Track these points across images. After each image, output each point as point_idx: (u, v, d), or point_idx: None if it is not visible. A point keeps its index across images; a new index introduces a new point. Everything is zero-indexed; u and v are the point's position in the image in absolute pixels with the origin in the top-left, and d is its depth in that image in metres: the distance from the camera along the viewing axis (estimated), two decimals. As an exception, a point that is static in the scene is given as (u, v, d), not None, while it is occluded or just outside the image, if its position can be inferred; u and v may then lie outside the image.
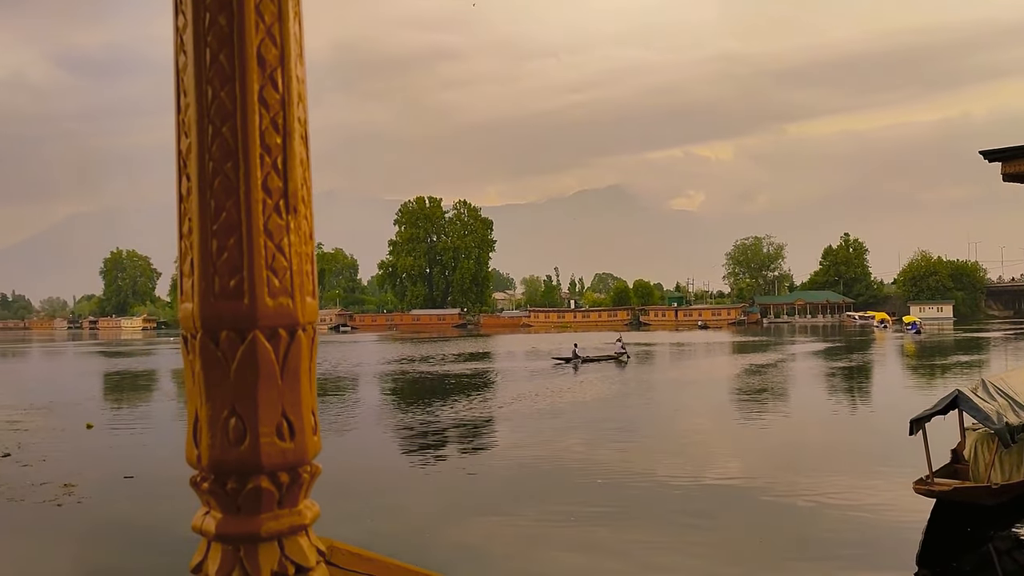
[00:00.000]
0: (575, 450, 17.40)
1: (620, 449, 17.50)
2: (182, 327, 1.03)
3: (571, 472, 15.07)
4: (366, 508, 12.25)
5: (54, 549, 10.81)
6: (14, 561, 10.41)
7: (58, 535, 11.39)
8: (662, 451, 17.33)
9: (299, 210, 1.02)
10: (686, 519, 11.75)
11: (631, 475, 14.64)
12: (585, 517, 11.84)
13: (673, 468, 15.16)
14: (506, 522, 11.73)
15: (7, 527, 11.82)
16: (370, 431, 20.55)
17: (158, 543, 10.92)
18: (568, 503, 12.64)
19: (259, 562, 0.99)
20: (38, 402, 28.02)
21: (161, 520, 12.12)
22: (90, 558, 10.41)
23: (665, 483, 13.97)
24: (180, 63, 1.02)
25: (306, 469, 1.03)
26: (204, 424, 1.00)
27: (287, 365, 1.01)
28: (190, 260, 1.00)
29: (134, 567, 10.06)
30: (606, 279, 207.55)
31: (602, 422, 21.47)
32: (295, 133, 1.02)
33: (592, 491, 13.45)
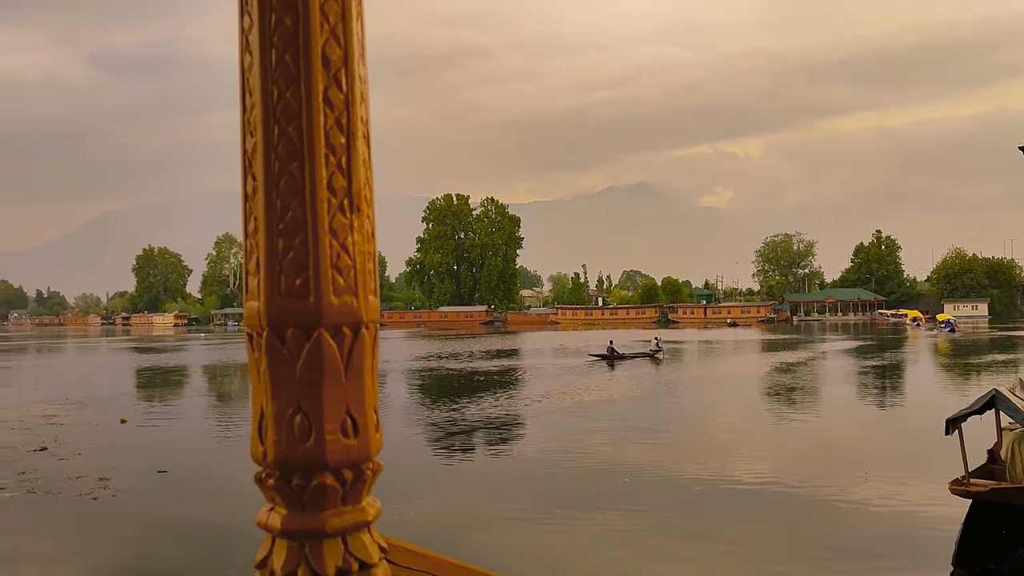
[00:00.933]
0: (602, 448, 17.35)
1: (647, 447, 17.43)
2: (247, 325, 1.04)
3: (597, 470, 15.03)
4: (391, 505, 12.30)
5: (90, 542, 10.97)
6: (52, 553, 10.58)
7: (94, 528, 11.56)
8: (690, 450, 17.22)
9: (362, 209, 1.03)
10: (715, 518, 11.66)
11: (659, 474, 14.56)
12: (611, 515, 11.79)
13: (702, 467, 15.06)
14: (532, 519, 11.72)
15: (45, 519, 12.02)
16: (397, 428, 20.62)
17: (191, 537, 11.06)
18: (594, 501, 12.60)
19: (324, 558, 1.01)
20: (73, 397, 28.48)
21: (194, 514, 12.27)
22: (125, 551, 10.56)
23: (693, 482, 13.88)
24: (246, 63, 1.03)
25: (369, 466, 1.05)
26: (269, 421, 1.01)
27: (351, 363, 1.01)
28: (256, 259, 1.01)
29: (168, 560, 10.18)
30: (634, 276, 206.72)
31: (629, 420, 21.39)
32: (358, 133, 1.03)
33: (619, 489, 13.40)
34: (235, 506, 12.72)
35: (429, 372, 38.62)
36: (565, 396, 26.61)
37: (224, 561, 9.92)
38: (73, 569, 10.02)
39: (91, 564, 10.17)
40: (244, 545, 10.66)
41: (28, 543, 10.95)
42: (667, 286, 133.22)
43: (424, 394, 29.70)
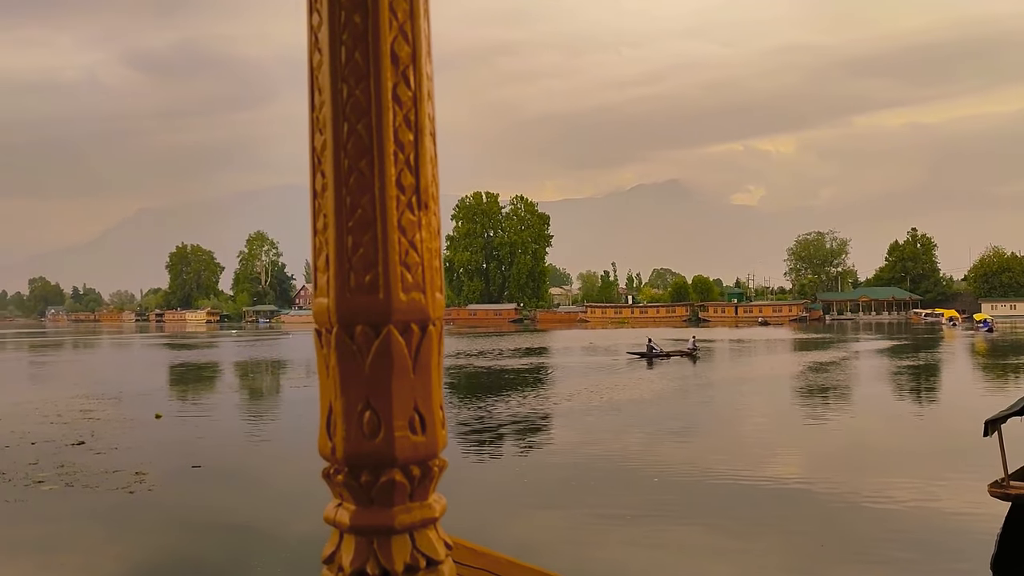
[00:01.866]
0: (632, 447, 17.27)
1: (678, 447, 17.33)
2: (316, 321, 1.04)
3: (627, 469, 14.97)
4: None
5: (127, 535, 11.13)
6: (91, 545, 10.76)
7: (131, 521, 11.73)
8: (721, 449, 17.08)
9: (429, 206, 1.03)
10: (746, 518, 11.55)
11: (689, 473, 14.46)
12: (641, 515, 11.74)
13: (733, 467, 14.93)
14: (561, 518, 11.69)
15: (83, 512, 12.22)
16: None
17: (224, 531, 11.18)
18: (624, 500, 12.55)
19: (393, 555, 1.01)
20: (109, 392, 28.94)
21: (227, 509, 12.41)
22: (161, 544, 10.70)
23: (724, 482, 13.76)
24: (315, 61, 1.03)
25: (436, 463, 1.04)
26: (338, 417, 1.01)
27: (419, 359, 1.01)
28: (325, 256, 1.01)
29: (203, 553, 10.30)
30: (664, 275, 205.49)
31: (659, 419, 21.28)
32: (425, 130, 1.03)
33: (648, 489, 13.32)
34: (267, 501, 12.86)
35: (458, 370, 38.70)
36: (594, 395, 26.53)
37: (257, 554, 10.02)
38: (111, 561, 10.18)
39: (128, 556, 10.32)
40: (276, 538, 10.81)
41: (67, 535, 11.14)
42: (697, 284, 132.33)
43: (453, 392, 29.76)
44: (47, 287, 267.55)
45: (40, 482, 14.00)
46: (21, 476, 14.47)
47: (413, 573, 1.01)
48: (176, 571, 9.77)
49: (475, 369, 38.93)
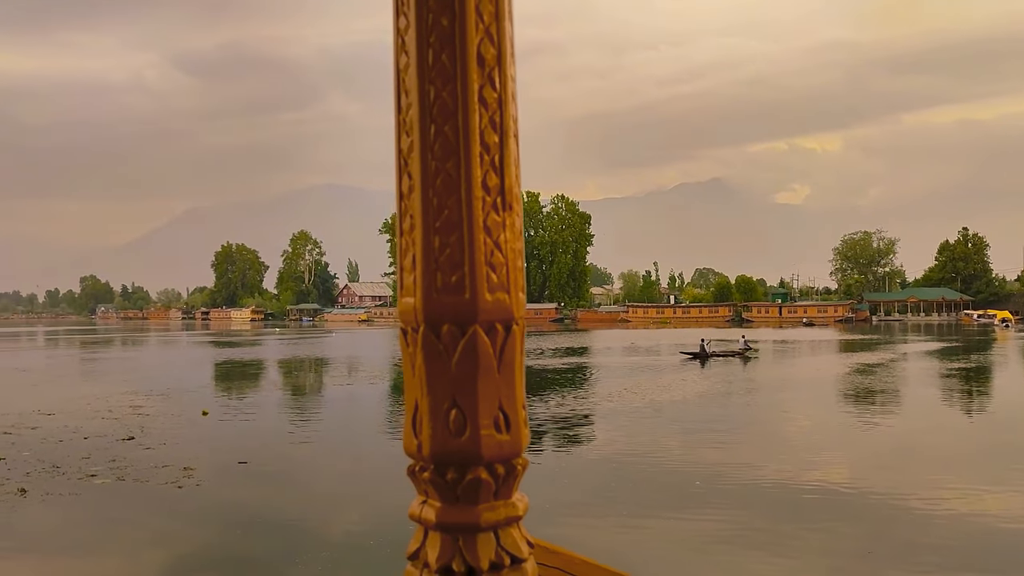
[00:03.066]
0: (673, 449, 17.14)
1: (720, 450, 17.13)
2: (401, 321, 1.05)
3: (668, 472, 14.85)
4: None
5: (177, 529, 11.35)
6: (142, 538, 10.98)
7: (180, 516, 11.96)
8: (764, 452, 16.86)
9: (513, 207, 1.04)
10: (790, 524, 11.38)
11: (733, 477, 14.29)
12: (681, 518, 11.63)
13: (778, 470, 14.73)
14: (599, 520, 11.63)
15: (135, 506, 12.48)
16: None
17: (270, 527, 11.33)
18: (664, 503, 12.45)
19: (478, 552, 1.01)
20: (157, 389, 29.52)
21: (273, 505, 12.58)
22: (209, 539, 10.89)
23: (768, 486, 13.57)
24: (401, 63, 1.03)
25: (519, 461, 1.06)
26: (425, 415, 1.02)
27: (503, 359, 1.02)
28: (411, 256, 1.02)
29: (249, 548, 10.46)
30: (707, 274, 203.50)
31: (702, 421, 21.08)
32: (510, 131, 1.04)
33: (690, 491, 13.19)
34: (311, 498, 13.01)
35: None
36: (636, 395, 26.39)
37: (302, 550, 10.13)
38: (161, 553, 10.38)
39: (179, 549, 10.52)
40: (320, 535, 10.93)
41: (119, 528, 11.39)
42: (741, 284, 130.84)
43: (495, 391, 29.80)
44: (97, 285, 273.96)
45: (93, 476, 14.34)
46: (75, 470, 14.84)
47: (498, 571, 1.02)
48: (226, 565, 9.93)
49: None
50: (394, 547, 10.09)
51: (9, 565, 10.07)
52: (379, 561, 9.66)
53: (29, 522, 11.68)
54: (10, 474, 14.50)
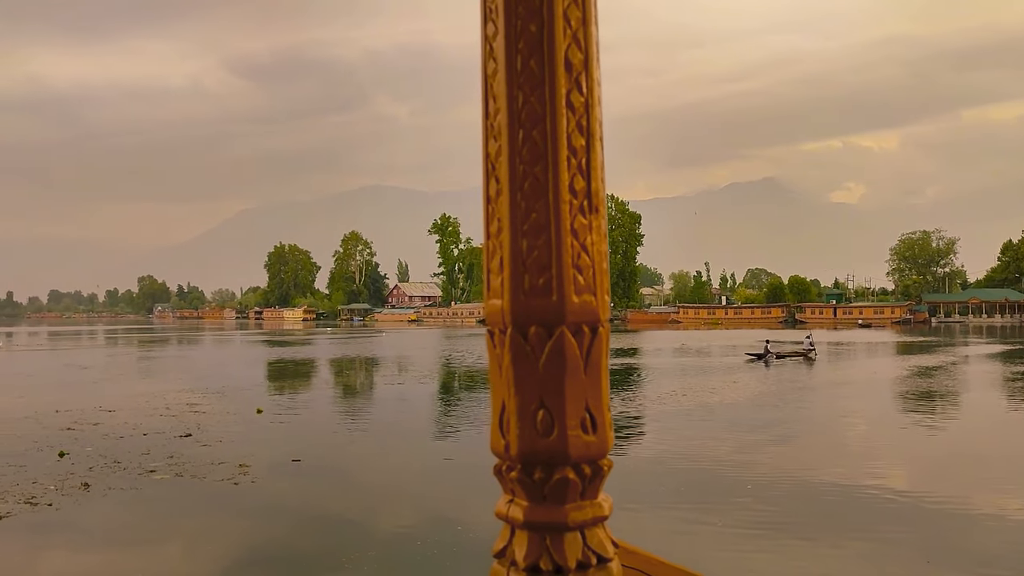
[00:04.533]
0: (723, 451, 16.89)
1: (772, 452, 16.84)
2: (488, 322, 1.07)
3: (719, 475, 14.62)
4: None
5: (233, 524, 11.56)
6: (201, 532, 11.20)
7: (236, 512, 12.18)
8: (818, 456, 16.51)
9: (600, 210, 1.05)
10: (845, 530, 11.12)
11: (783, 480, 14.03)
12: (732, 521, 11.44)
13: (830, 474, 14.41)
14: (647, 522, 11.51)
15: (193, 501, 12.73)
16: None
17: (323, 524, 11.46)
18: (714, 505, 12.27)
19: (565, 552, 1.02)
20: (212, 387, 30.12)
21: (325, 503, 12.72)
22: (264, 534, 11.05)
23: (820, 490, 13.29)
24: (489, 69, 1.05)
25: (605, 462, 1.06)
26: (512, 415, 1.03)
27: (590, 360, 1.03)
28: (499, 258, 1.04)
29: (303, 545, 10.58)
30: (759, 275, 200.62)
31: (753, 423, 20.75)
32: (596, 135, 1.05)
33: (741, 495, 12.98)
34: (364, 496, 13.13)
35: (549, 369, 38.62)
36: (686, 397, 26.10)
37: (355, 547, 10.22)
38: (218, 548, 10.57)
39: (234, 545, 10.70)
40: (373, 532, 11.00)
41: (178, 522, 11.63)
42: (794, 285, 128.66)
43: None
44: (154, 285, 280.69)
45: (152, 472, 14.67)
46: (135, 466, 15.20)
47: (584, 570, 1.02)
48: (280, 561, 10.06)
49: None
50: (442, 546, 10.12)
51: (75, 556, 10.35)
52: (430, 559, 9.70)
53: (92, 515, 11.99)
54: (74, 469, 14.92)
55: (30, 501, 12.55)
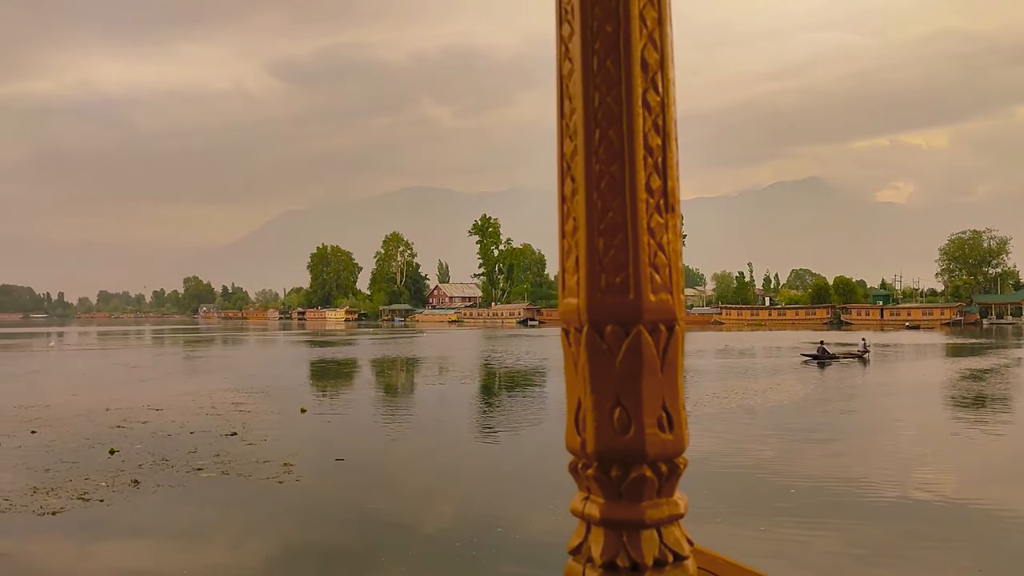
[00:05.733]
0: (767, 454, 16.66)
1: (817, 456, 16.57)
2: (563, 321, 1.07)
3: (762, 478, 14.41)
4: (553, 503, 12.34)
5: (279, 522, 11.69)
6: (247, 528, 11.37)
7: (281, 509, 12.33)
8: (864, 460, 16.20)
9: (675, 209, 1.06)
10: (893, 537, 10.89)
11: (829, 485, 13.79)
12: (777, 525, 11.27)
13: (877, 479, 14.13)
14: (693, 525, 11.37)
15: (239, 499, 12.92)
16: (556, 427, 20.70)
17: (366, 522, 11.55)
18: (758, 509, 12.10)
19: (642, 549, 1.02)
20: (257, 386, 30.56)
21: (369, 502, 12.82)
22: (308, 532, 11.16)
23: (868, 495, 13.03)
24: (565, 70, 1.06)
25: (681, 460, 1.07)
26: (588, 413, 1.04)
27: (667, 358, 1.04)
28: (575, 257, 1.05)
29: (346, 543, 10.68)
30: (803, 275, 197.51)
31: (797, 426, 20.44)
32: (672, 134, 1.06)
33: (785, 498, 12.78)
34: (405, 496, 13.20)
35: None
36: (728, 399, 25.79)
37: (395, 546, 10.28)
38: (263, 544, 10.72)
39: (278, 541, 10.84)
40: (413, 532, 11.05)
41: (224, 520, 11.82)
42: (839, 286, 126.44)
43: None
44: (199, 286, 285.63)
45: (199, 469, 14.92)
46: (182, 463, 15.48)
47: (661, 568, 1.03)
48: (324, 558, 10.16)
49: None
50: (481, 547, 10.13)
51: (125, 552, 10.57)
52: (468, 560, 9.71)
53: (142, 512, 12.23)
54: (124, 466, 15.24)
55: (82, 497, 12.85)
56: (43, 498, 12.82)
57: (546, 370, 38.95)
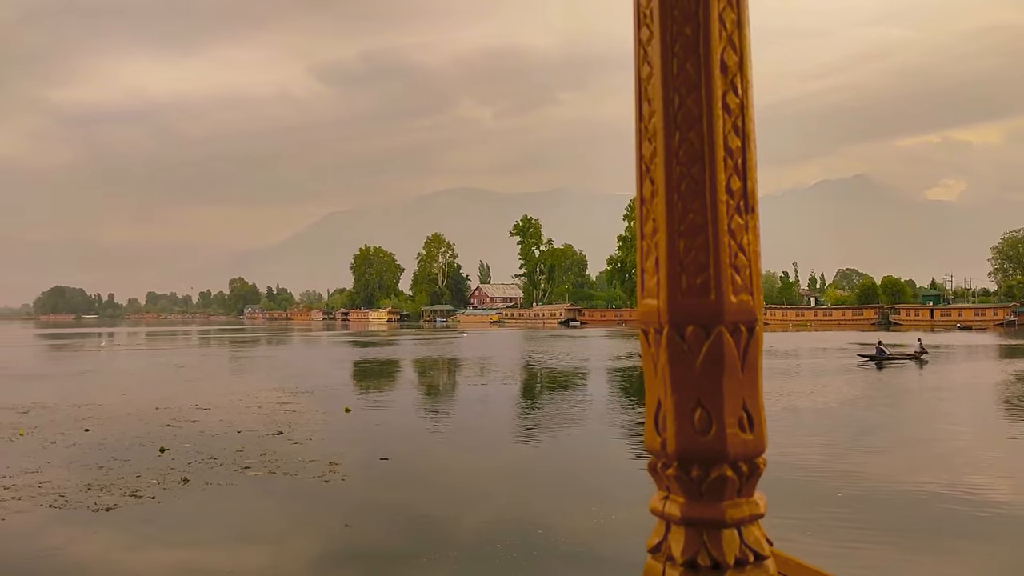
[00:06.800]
0: (813, 456, 16.34)
1: (865, 458, 16.23)
2: (642, 322, 1.09)
3: (807, 481, 14.14)
4: (600, 507, 12.26)
5: (325, 520, 11.80)
6: (294, 526, 11.48)
7: (328, 508, 12.44)
8: (915, 463, 15.84)
9: (755, 210, 1.07)
10: (944, 540, 10.63)
11: (878, 487, 13.49)
12: (824, 528, 11.06)
13: (929, 482, 13.79)
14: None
15: (287, 498, 13.07)
16: (598, 428, 20.63)
17: (411, 521, 11.59)
18: (804, 513, 11.86)
19: (723, 548, 1.03)
20: (302, 386, 30.92)
21: (414, 501, 12.86)
22: (354, 531, 11.25)
23: (918, 498, 12.72)
24: (643, 73, 1.08)
25: (761, 460, 1.08)
26: (669, 413, 1.05)
27: (747, 359, 1.05)
28: (654, 259, 1.07)
29: (390, 543, 10.73)
30: (850, 275, 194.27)
31: (844, 428, 20.07)
32: (752, 136, 1.07)
33: (832, 502, 12.52)
34: (448, 496, 13.23)
35: (630, 371, 38.33)
36: (772, 401, 25.41)
37: (438, 546, 10.30)
38: (310, 542, 10.82)
39: (324, 539, 10.92)
40: (455, 532, 11.06)
41: (271, 518, 11.96)
42: (887, 286, 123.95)
43: (625, 394, 29.50)
44: (245, 287, 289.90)
45: (247, 468, 15.13)
46: (230, 462, 15.71)
47: (742, 567, 1.03)
48: (368, 556, 10.22)
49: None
50: (523, 548, 10.10)
51: (176, 548, 10.74)
52: (509, 561, 9.69)
53: (192, 509, 12.44)
54: (174, 464, 15.52)
55: (134, 494, 13.11)
56: (97, 495, 13.10)
57: (587, 371, 38.82)
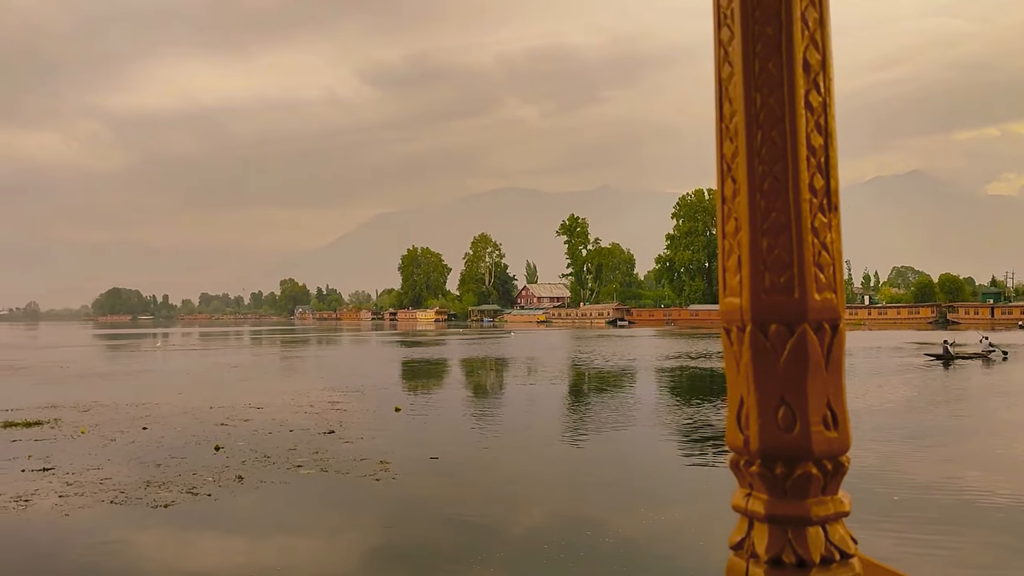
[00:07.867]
0: (867, 461, 16.00)
1: (920, 461, 15.86)
2: (725, 320, 1.09)
3: (861, 486, 13.85)
4: (647, 506, 12.19)
5: (377, 518, 11.94)
6: (346, 526, 11.64)
7: (379, 507, 12.59)
8: (974, 467, 15.42)
9: (838, 208, 1.07)
10: (1006, 551, 10.33)
11: (935, 492, 13.17)
12: (878, 533, 10.83)
13: (987, 487, 13.41)
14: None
15: (338, 496, 13.25)
16: (647, 429, 20.49)
17: (458, 523, 11.67)
18: (857, 517, 11.62)
19: (808, 545, 1.03)
20: (352, 386, 31.30)
21: (464, 500, 12.94)
22: (405, 529, 11.36)
23: (979, 503, 12.39)
24: (724, 73, 1.09)
25: (845, 458, 1.08)
26: (752, 411, 1.05)
27: (831, 357, 1.05)
28: (736, 257, 1.07)
29: (439, 542, 10.81)
30: (905, 273, 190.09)
31: (899, 429, 19.60)
32: (834, 134, 1.07)
33: (886, 507, 12.26)
34: (496, 496, 13.28)
35: (679, 371, 38.02)
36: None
37: (486, 546, 10.35)
38: (361, 540, 10.95)
39: (375, 537, 11.05)
40: (503, 533, 11.09)
41: (325, 515, 12.13)
42: (945, 283, 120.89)
43: (673, 395, 29.27)
44: (295, 288, 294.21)
45: (299, 466, 15.37)
46: (283, 460, 15.98)
47: (828, 565, 1.04)
48: (417, 555, 10.31)
49: (697, 371, 38.03)
50: (570, 550, 10.09)
51: (232, 543, 10.97)
52: (556, 563, 9.69)
53: (247, 506, 12.69)
54: (228, 462, 15.84)
55: (191, 492, 13.42)
56: (155, 491, 13.44)
57: (636, 371, 38.57)
